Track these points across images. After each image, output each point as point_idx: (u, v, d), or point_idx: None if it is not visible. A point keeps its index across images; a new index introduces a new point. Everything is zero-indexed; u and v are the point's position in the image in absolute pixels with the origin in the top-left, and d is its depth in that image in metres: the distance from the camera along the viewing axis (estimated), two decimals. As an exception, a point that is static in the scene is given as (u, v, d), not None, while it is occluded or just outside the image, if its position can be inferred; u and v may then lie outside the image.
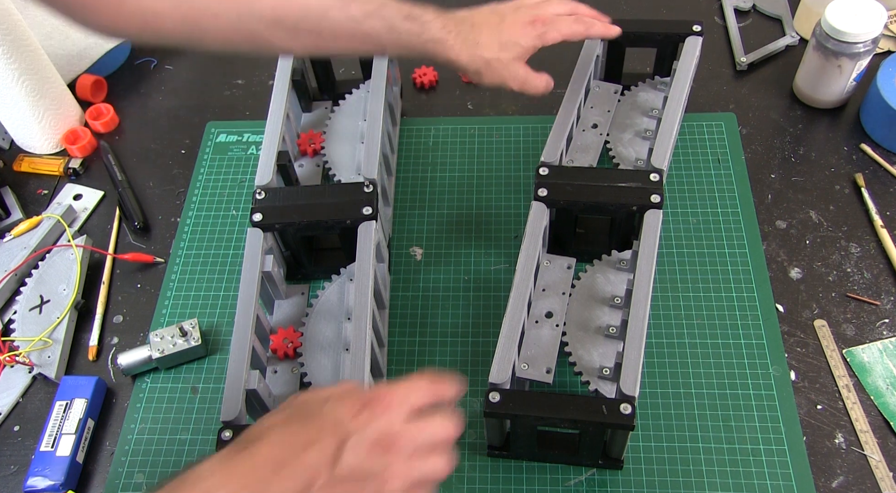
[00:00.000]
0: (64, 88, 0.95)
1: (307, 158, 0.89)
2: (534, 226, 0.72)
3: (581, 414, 0.61)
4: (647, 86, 0.89)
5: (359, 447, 0.49)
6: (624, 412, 0.61)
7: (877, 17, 0.82)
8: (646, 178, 0.73)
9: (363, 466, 0.49)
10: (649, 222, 0.71)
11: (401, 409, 0.51)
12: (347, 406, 0.50)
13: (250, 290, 0.71)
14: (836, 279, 0.79)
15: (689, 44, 0.84)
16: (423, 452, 0.51)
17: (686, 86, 0.82)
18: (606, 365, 0.68)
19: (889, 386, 0.72)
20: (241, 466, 0.47)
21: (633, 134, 0.84)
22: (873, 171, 0.86)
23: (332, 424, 0.49)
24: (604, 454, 0.68)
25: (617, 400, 0.62)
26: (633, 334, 0.65)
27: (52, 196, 0.92)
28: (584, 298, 0.73)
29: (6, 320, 0.81)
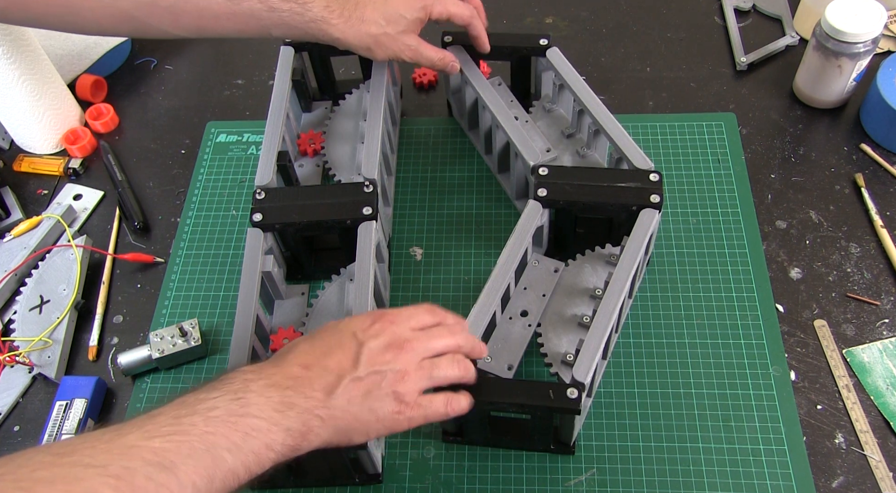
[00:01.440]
0: (64, 88, 0.95)
1: (307, 158, 0.89)
2: (525, 223, 0.73)
3: (528, 399, 0.62)
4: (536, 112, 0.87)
5: (374, 350, 0.56)
6: (570, 396, 0.62)
7: (877, 17, 0.82)
8: (645, 178, 0.73)
9: (380, 363, 0.56)
10: (643, 221, 0.71)
11: (409, 322, 0.59)
12: (362, 320, 0.59)
13: (250, 290, 0.71)
14: (836, 279, 0.79)
15: (554, 56, 0.83)
16: (433, 357, 0.58)
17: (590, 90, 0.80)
18: (571, 351, 0.69)
19: (889, 386, 0.72)
20: (275, 370, 0.54)
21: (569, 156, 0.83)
22: (873, 171, 0.86)
23: (349, 334, 0.57)
24: (555, 439, 0.69)
25: (565, 385, 0.63)
26: (599, 323, 0.66)
27: (52, 196, 0.92)
28: (567, 287, 0.74)
29: (6, 320, 0.81)
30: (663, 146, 0.90)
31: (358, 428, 0.56)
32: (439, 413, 0.59)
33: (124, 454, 0.45)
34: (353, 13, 0.74)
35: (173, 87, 1.02)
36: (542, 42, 0.84)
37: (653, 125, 0.91)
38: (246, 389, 0.51)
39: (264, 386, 0.52)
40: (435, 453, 0.71)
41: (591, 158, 0.82)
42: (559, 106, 0.87)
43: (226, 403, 0.50)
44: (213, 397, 0.50)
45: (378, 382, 0.55)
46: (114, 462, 0.44)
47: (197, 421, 0.48)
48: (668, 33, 1.02)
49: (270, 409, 0.51)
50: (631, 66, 0.98)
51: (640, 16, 1.04)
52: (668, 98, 0.95)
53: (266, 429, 0.50)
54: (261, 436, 0.50)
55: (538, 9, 1.05)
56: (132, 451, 0.45)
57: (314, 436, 0.53)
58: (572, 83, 0.81)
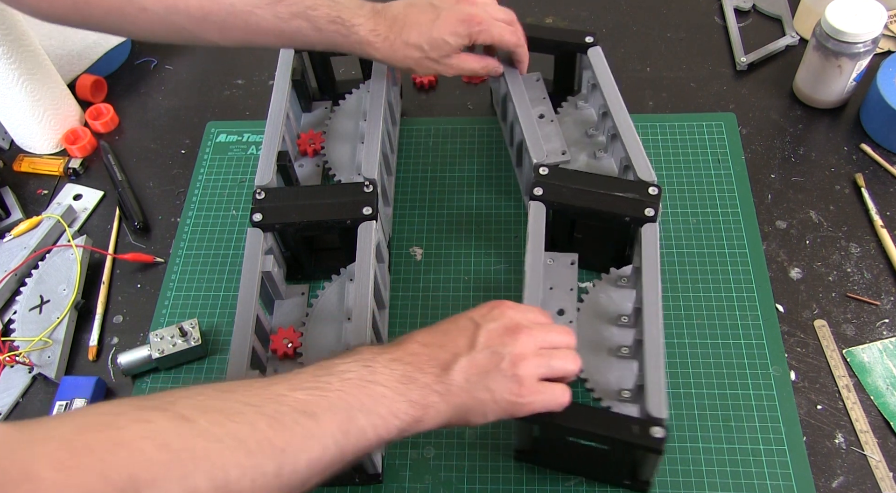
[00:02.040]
0: (64, 88, 0.95)
1: (307, 158, 0.89)
2: (535, 225, 0.72)
3: (609, 431, 0.60)
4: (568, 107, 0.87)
5: (492, 332, 0.58)
6: (654, 435, 0.59)
7: (877, 17, 0.82)
8: (644, 190, 0.73)
9: (497, 345, 0.57)
10: (647, 238, 0.70)
11: (526, 313, 0.60)
12: (479, 307, 0.61)
13: (250, 290, 0.71)
14: (836, 279, 0.79)
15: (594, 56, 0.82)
16: (548, 349, 0.59)
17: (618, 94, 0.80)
18: (624, 387, 0.67)
19: (889, 386, 0.72)
20: (396, 348, 0.57)
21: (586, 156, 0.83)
22: (873, 171, 0.86)
23: (467, 320, 0.59)
24: (632, 474, 0.66)
25: (647, 421, 0.60)
26: (652, 355, 0.63)
27: (52, 196, 0.92)
28: (591, 319, 0.72)
29: (6, 320, 0.81)
30: (663, 146, 0.90)
31: (475, 408, 0.56)
32: (557, 402, 0.58)
33: (274, 400, 0.50)
34: (398, 37, 0.75)
35: (173, 87, 1.02)
36: (588, 39, 0.84)
37: (653, 125, 0.91)
38: (374, 359, 0.55)
39: (388, 360, 0.55)
40: (435, 453, 0.71)
41: (606, 161, 0.82)
42: (590, 105, 0.86)
43: (357, 368, 0.54)
44: (346, 362, 0.54)
45: (497, 362, 0.56)
46: (267, 404, 0.49)
47: (333, 381, 0.52)
48: (668, 33, 1.02)
49: (394, 380, 0.54)
50: (631, 67, 0.98)
51: (640, 16, 1.04)
52: (668, 98, 0.95)
53: (391, 397, 0.53)
54: (387, 403, 0.53)
55: (538, 9, 1.05)
56: (281, 397, 0.50)
57: (434, 411, 0.55)
58: (603, 84, 0.81)
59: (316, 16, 0.73)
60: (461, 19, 0.75)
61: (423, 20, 0.75)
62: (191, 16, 0.72)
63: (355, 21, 0.74)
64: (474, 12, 0.76)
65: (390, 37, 0.75)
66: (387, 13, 0.76)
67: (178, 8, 0.71)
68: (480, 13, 0.76)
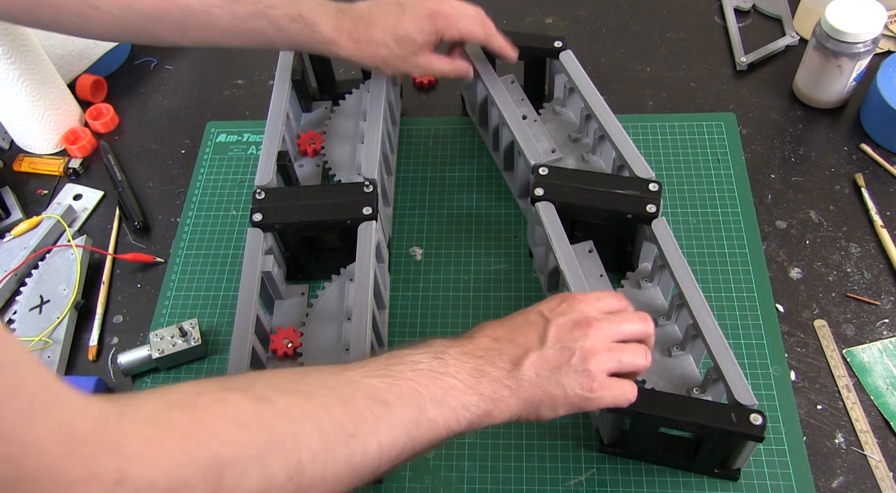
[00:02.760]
0: (64, 88, 0.95)
1: (307, 158, 0.89)
2: (552, 224, 0.72)
3: (708, 420, 0.59)
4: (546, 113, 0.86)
5: (562, 327, 0.57)
6: (755, 422, 0.59)
7: (877, 17, 0.82)
8: (645, 187, 0.73)
9: (568, 340, 0.57)
10: (661, 233, 0.70)
11: (597, 304, 0.59)
12: (549, 301, 0.60)
13: (250, 290, 0.71)
14: (836, 279, 0.79)
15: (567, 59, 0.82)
16: (620, 342, 0.58)
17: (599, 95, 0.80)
18: (691, 384, 0.67)
19: (889, 386, 0.72)
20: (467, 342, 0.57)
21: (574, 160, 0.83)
22: (873, 171, 0.86)
23: (536, 314, 0.59)
24: (723, 463, 0.66)
25: (745, 409, 0.60)
26: (717, 344, 0.63)
27: (52, 196, 0.92)
28: None
29: (6, 320, 0.80)
30: (663, 146, 0.90)
31: (546, 402, 0.56)
32: (626, 397, 0.58)
33: (348, 385, 0.51)
34: (363, 34, 0.75)
35: (173, 87, 1.02)
36: (557, 44, 0.84)
37: (653, 125, 0.91)
38: (445, 352, 0.55)
39: (459, 352, 0.55)
40: (435, 453, 0.71)
41: (595, 163, 0.82)
42: (569, 109, 0.87)
43: (429, 359, 0.54)
44: (418, 353, 0.55)
45: (567, 357, 0.56)
46: (342, 388, 0.50)
47: (405, 371, 0.53)
48: (668, 33, 1.02)
49: (465, 373, 0.54)
50: (631, 67, 0.98)
51: (640, 16, 1.04)
52: (668, 98, 0.95)
53: (462, 389, 0.53)
54: (458, 395, 0.53)
55: (538, 9, 1.05)
56: (354, 383, 0.51)
57: (504, 405, 0.55)
58: (581, 87, 0.81)
59: (275, 14, 0.73)
60: (426, 14, 0.75)
61: (388, 18, 0.75)
62: (146, 15, 0.71)
63: (317, 19, 0.74)
64: (440, 8, 0.76)
65: (355, 34, 0.75)
66: (352, 12, 0.75)
67: (132, 7, 0.70)
68: (446, 8, 0.76)
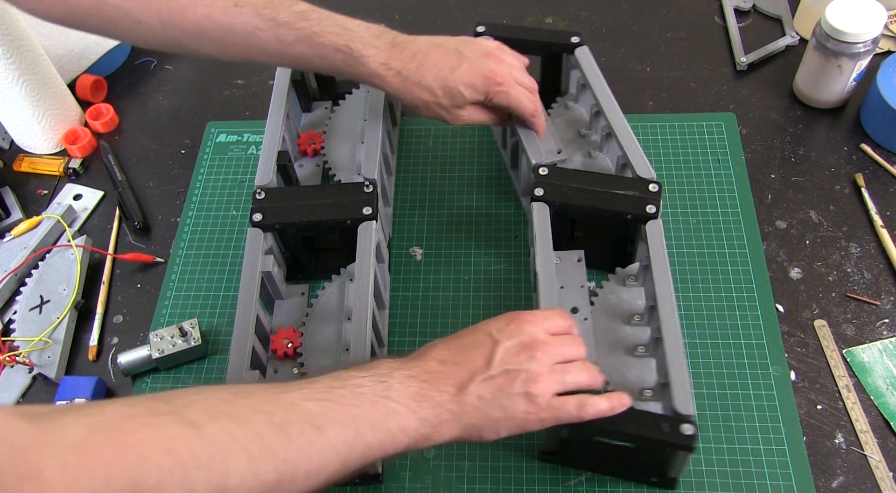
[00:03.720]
0: (64, 88, 0.95)
1: (307, 158, 0.89)
2: (541, 226, 0.72)
3: (640, 430, 0.60)
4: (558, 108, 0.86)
5: (509, 350, 0.58)
6: (685, 432, 0.60)
7: (877, 17, 0.82)
8: (645, 187, 0.73)
9: (514, 363, 0.57)
10: (653, 235, 0.71)
11: (544, 324, 0.60)
12: (498, 321, 0.61)
13: (250, 290, 0.71)
14: (836, 279, 0.79)
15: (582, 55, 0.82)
16: (563, 363, 0.59)
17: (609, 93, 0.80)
18: (646, 386, 0.67)
19: (889, 386, 0.72)
20: (414, 364, 0.57)
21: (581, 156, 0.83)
22: (873, 171, 0.86)
23: (485, 335, 0.59)
24: (658, 471, 0.66)
25: (676, 418, 0.60)
26: (673, 351, 0.64)
27: (52, 196, 0.92)
28: (604, 320, 0.72)
29: (6, 320, 0.80)
30: (663, 146, 0.90)
31: (488, 425, 0.57)
32: (571, 416, 0.58)
33: (285, 408, 0.50)
34: (412, 75, 0.72)
35: (173, 87, 1.02)
36: (574, 40, 0.83)
37: (653, 125, 0.91)
38: (390, 375, 0.55)
39: (405, 376, 0.56)
40: (435, 453, 0.71)
41: (601, 160, 0.82)
42: (581, 105, 0.86)
43: (372, 383, 0.54)
44: (362, 376, 0.55)
45: (511, 381, 0.57)
46: (277, 412, 0.50)
47: (346, 394, 0.53)
48: (668, 33, 1.02)
49: (408, 397, 0.54)
50: (631, 67, 0.98)
51: (640, 16, 1.04)
52: (668, 98, 0.95)
53: (403, 414, 0.54)
54: (398, 419, 0.54)
55: (538, 9, 1.05)
56: (292, 407, 0.51)
57: (445, 429, 0.56)
58: (593, 83, 0.81)
59: (322, 43, 0.70)
60: (482, 74, 0.73)
61: (442, 65, 0.72)
62: (187, 32, 0.70)
63: (366, 52, 0.71)
64: (497, 70, 0.73)
65: (403, 72, 0.72)
66: (407, 48, 0.73)
67: (173, 23, 0.70)
68: (504, 72, 0.74)
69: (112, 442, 0.43)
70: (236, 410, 0.49)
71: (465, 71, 0.72)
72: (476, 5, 1.06)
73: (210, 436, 0.46)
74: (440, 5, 1.06)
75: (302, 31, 0.70)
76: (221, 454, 0.46)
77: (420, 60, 0.72)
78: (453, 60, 0.73)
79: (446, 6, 1.06)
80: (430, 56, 0.73)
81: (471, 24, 0.87)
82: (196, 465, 0.45)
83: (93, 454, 0.42)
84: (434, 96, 0.73)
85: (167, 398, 0.48)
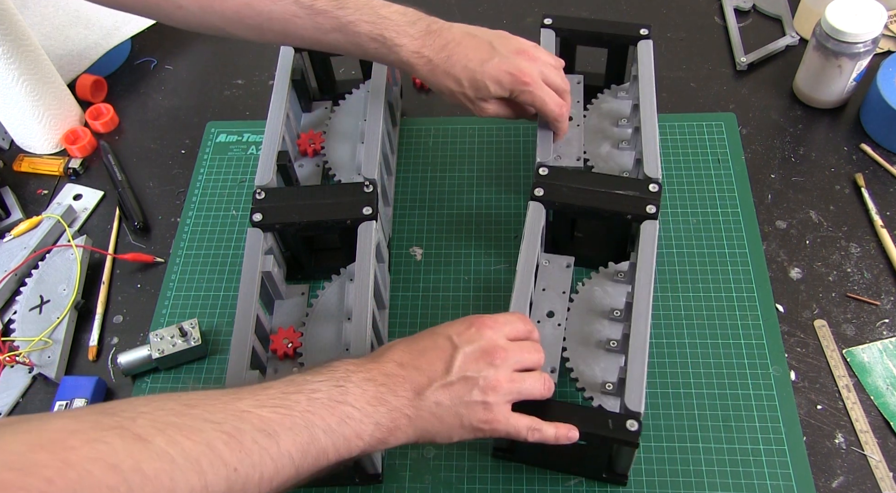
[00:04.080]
0: (64, 88, 0.95)
1: (307, 158, 0.89)
2: (532, 226, 0.72)
3: (586, 426, 0.61)
4: (609, 95, 0.88)
5: (468, 356, 0.58)
6: (630, 428, 0.60)
7: (877, 17, 0.82)
8: (645, 188, 0.73)
9: (472, 370, 0.57)
10: (646, 234, 0.71)
11: (504, 328, 0.61)
12: (459, 324, 0.60)
13: (250, 290, 0.71)
14: (836, 279, 0.79)
15: (642, 48, 0.83)
16: (520, 370, 0.60)
17: (653, 90, 0.80)
18: (609, 380, 0.68)
19: (889, 386, 0.72)
20: (373, 366, 0.57)
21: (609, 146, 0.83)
22: (873, 171, 0.86)
23: (445, 339, 0.59)
24: (609, 467, 0.67)
25: (623, 415, 0.61)
26: (636, 349, 0.64)
27: (52, 196, 0.92)
28: (583, 312, 0.73)
29: (6, 320, 0.81)
30: (663, 146, 0.90)
31: (441, 431, 0.57)
32: (521, 435, 0.59)
33: (237, 417, 0.49)
34: (442, 63, 0.72)
35: (173, 87, 1.02)
36: (643, 31, 0.84)
37: (653, 125, 0.91)
38: (347, 379, 0.55)
39: (362, 379, 0.55)
40: (435, 453, 0.71)
41: (627, 153, 0.82)
42: (629, 96, 0.86)
43: (328, 388, 0.54)
44: (318, 380, 0.54)
45: (469, 388, 0.57)
46: (228, 421, 0.49)
47: (301, 400, 0.52)
48: (668, 33, 1.02)
49: (364, 401, 0.54)
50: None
51: (640, 16, 1.04)
52: (668, 98, 0.95)
53: (358, 419, 0.54)
54: (353, 424, 0.53)
55: (538, 9, 1.05)
56: (244, 415, 0.50)
57: (401, 433, 0.56)
58: (642, 77, 0.81)
59: (356, 31, 0.71)
60: (510, 71, 0.72)
61: (473, 56, 0.72)
62: (226, 18, 0.71)
63: (399, 41, 0.72)
64: (526, 69, 0.73)
65: (434, 60, 0.72)
66: (441, 36, 0.73)
67: (213, 9, 0.71)
68: (532, 72, 0.73)
69: (55, 460, 0.41)
70: (185, 420, 0.48)
71: (494, 66, 0.72)
72: (476, 5, 1.06)
73: (158, 449, 0.45)
74: (440, 5, 1.06)
75: (338, 20, 0.71)
76: (169, 468, 0.45)
77: (451, 50, 0.73)
78: (484, 53, 0.73)
79: (446, 6, 1.06)
80: (462, 46, 0.73)
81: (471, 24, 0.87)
82: (142, 480, 0.44)
83: (35, 471, 0.40)
84: (460, 87, 0.73)
85: (114, 411, 0.46)
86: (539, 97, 0.74)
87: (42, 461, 0.41)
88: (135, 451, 0.44)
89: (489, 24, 0.84)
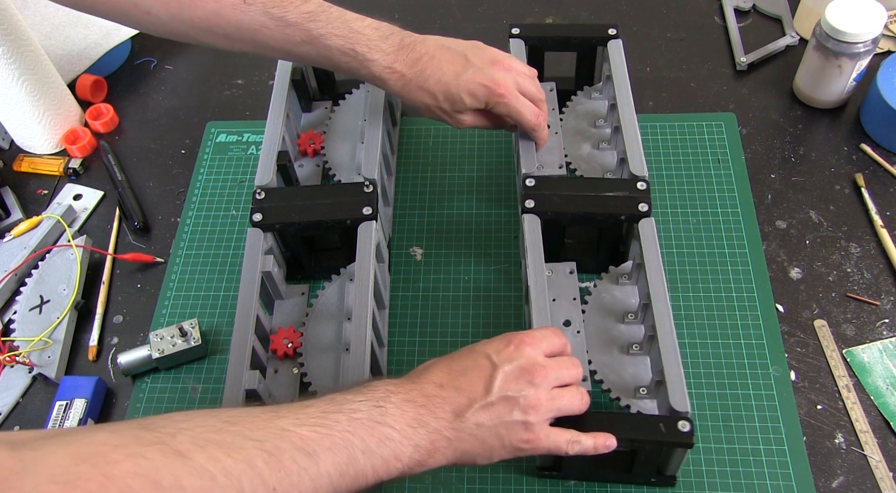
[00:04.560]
0: (64, 88, 0.95)
1: (307, 158, 0.89)
2: (532, 238, 0.72)
3: (639, 434, 0.60)
4: (582, 96, 0.88)
5: (508, 375, 0.57)
6: (682, 429, 0.60)
7: (877, 17, 0.82)
8: (633, 186, 0.73)
9: (513, 390, 0.57)
10: (646, 233, 0.70)
11: (541, 345, 0.60)
12: (497, 342, 0.60)
13: (250, 290, 0.71)
14: (836, 279, 0.79)
15: (613, 48, 0.83)
16: (559, 387, 0.59)
17: (628, 88, 0.80)
18: (641, 384, 0.67)
19: (889, 386, 0.72)
20: (412, 387, 0.56)
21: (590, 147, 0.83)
22: (873, 171, 0.86)
23: (484, 358, 0.58)
24: (658, 471, 0.66)
25: (671, 418, 0.61)
26: (667, 349, 0.64)
27: (52, 196, 0.92)
28: (598, 319, 0.72)
29: (6, 320, 0.81)
30: (663, 146, 0.90)
31: (482, 452, 0.57)
32: (561, 450, 0.59)
33: (277, 435, 0.49)
34: (415, 78, 0.72)
35: (173, 87, 1.02)
36: (611, 31, 0.83)
37: (653, 125, 0.91)
38: (386, 399, 0.54)
39: (402, 400, 0.55)
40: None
41: (608, 153, 0.82)
42: (604, 97, 0.86)
43: (368, 408, 0.53)
44: (359, 400, 0.54)
45: (510, 408, 0.56)
46: (268, 440, 0.49)
47: (341, 419, 0.52)
48: (668, 33, 1.02)
49: (404, 423, 0.54)
50: (631, 66, 0.98)
51: (640, 16, 1.04)
52: (668, 98, 0.95)
53: (398, 440, 0.53)
54: (392, 445, 0.53)
55: (538, 9, 1.05)
56: (284, 433, 0.49)
57: (440, 455, 0.55)
58: (616, 77, 0.81)
59: (327, 45, 0.71)
60: (484, 83, 0.72)
61: (447, 70, 0.72)
62: (195, 26, 0.71)
63: (371, 56, 0.71)
64: (501, 80, 0.72)
65: (407, 75, 0.72)
66: (414, 50, 0.72)
67: (182, 17, 0.70)
68: (507, 83, 0.72)
69: (97, 474, 0.41)
70: (226, 437, 0.47)
71: (468, 78, 0.72)
72: (476, 5, 1.06)
73: (198, 466, 0.45)
74: (440, 5, 1.06)
75: (309, 33, 0.70)
76: (210, 486, 0.45)
77: (424, 64, 0.72)
78: (458, 66, 0.72)
79: (446, 6, 1.06)
80: (436, 60, 0.72)
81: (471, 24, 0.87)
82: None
83: (77, 485, 0.40)
84: (435, 101, 0.73)
85: (154, 426, 0.46)
86: (515, 108, 0.73)
87: (85, 474, 0.41)
88: (175, 467, 0.44)
89: (489, 23, 0.84)
